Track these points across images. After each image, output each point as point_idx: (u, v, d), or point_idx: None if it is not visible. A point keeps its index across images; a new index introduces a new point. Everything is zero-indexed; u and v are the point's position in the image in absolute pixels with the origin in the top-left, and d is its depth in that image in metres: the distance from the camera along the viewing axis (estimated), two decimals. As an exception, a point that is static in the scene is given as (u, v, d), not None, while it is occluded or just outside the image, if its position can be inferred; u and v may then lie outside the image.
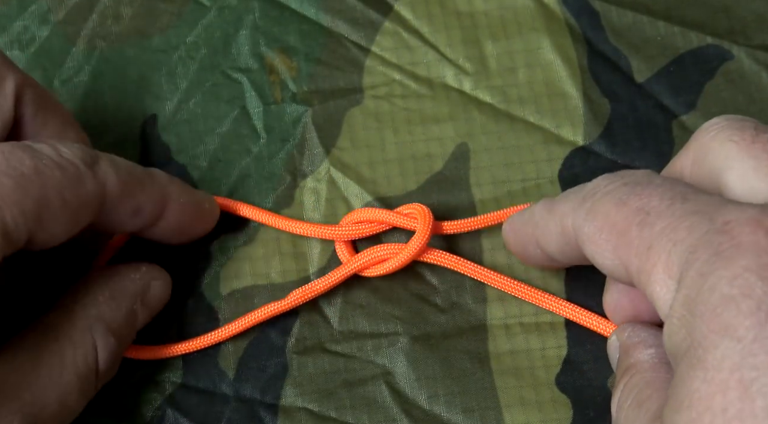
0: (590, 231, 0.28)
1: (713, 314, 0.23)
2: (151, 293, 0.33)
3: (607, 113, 0.38)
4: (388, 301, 0.36)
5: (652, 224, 0.26)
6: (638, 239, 0.26)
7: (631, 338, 0.31)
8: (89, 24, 0.38)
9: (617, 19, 0.39)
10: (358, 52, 0.38)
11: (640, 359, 0.30)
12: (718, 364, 0.23)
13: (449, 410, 0.34)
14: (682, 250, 0.25)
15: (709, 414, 0.23)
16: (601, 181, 0.29)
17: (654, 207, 0.26)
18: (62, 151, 0.30)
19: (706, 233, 0.24)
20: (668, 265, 0.25)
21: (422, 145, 0.37)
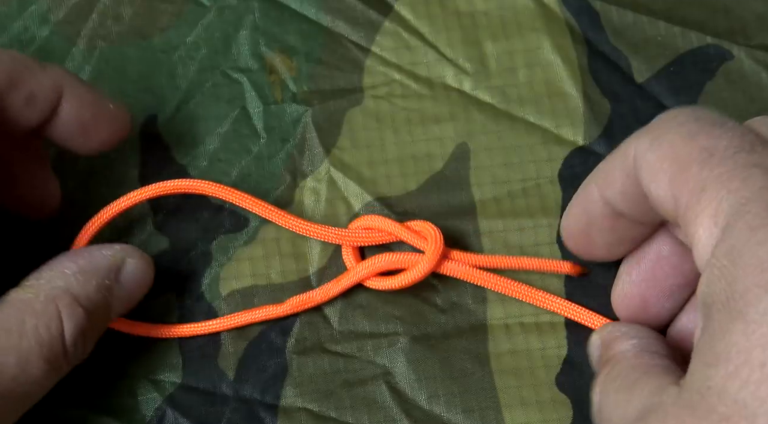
0: (652, 158, 0.27)
1: (760, 268, 0.23)
2: (126, 271, 0.32)
3: (607, 113, 0.38)
4: (388, 301, 0.36)
5: (713, 166, 0.25)
6: (696, 177, 0.25)
7: (612, 332, 0.31)
8: (89, 24, 0.38)
9: (617, 19, 0.39)
10: (358, 52, 0.38)
11: (621, 349, 0.30)
12: (760, 318, 0.22)
13: (449, 410, 0.34)
14: (734, 200, 0.24)
15: (747, 368, 0.22)
16: (674, 112, 0.28)
17: (720, 150, 0.25)
18: None
19: (762, 188, 0.24)
20: (717, 211, 0.25)
21: (422, 145, 0.37)
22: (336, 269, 0.36)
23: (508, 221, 0.36)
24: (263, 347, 0.35)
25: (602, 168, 0.30)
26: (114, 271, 0.32)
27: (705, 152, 0.26)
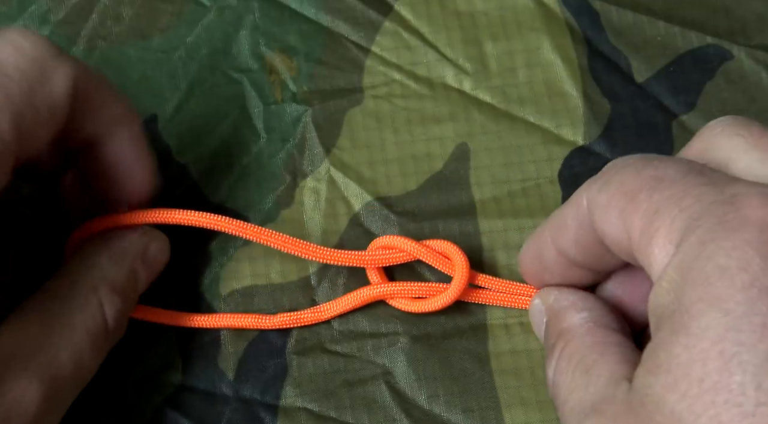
0: (602, 199, 0.27)
1: (705, 282, 0.23)
2: (150, 253, 0.34)
3: (607, 113, 0.38)
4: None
5: (663, 189, 0.25)
6: (647, 202, 0.25)
7: (560, 301, 0.31)
8: (89, 24, 0.38)
9: (617, 19, 0.39)
10: (358, 52, 0.38)
11: (573, 323, 0.30)
12: (701, 333, 0.23)
13: (449, 410, 0.34)
14: (686, 216, 0.24)
15: (686, 382, 0.22)
16: (622, 158, 0.28)
17: (669, 175, 0.26)
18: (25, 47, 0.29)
19: (713, 202, 0.24)
20: (671, 230, 0.25)
21: (422, 145, 0.37)
22: (336, 269, 0.36)
23: (508, 220, 0.36)
24: (263, 347, 0.35)
25: (555, 217, 0.30)
26: (141, 254, 0.33)
27: (653, 180, 0.26)
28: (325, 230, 0.36)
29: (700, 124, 0.37)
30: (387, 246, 0.35)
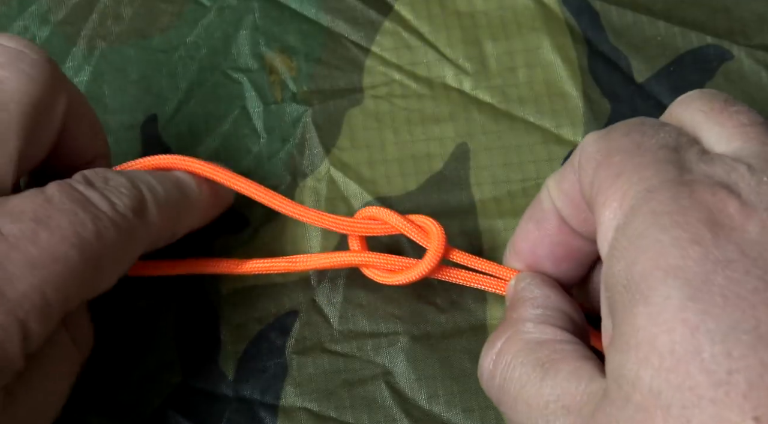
0: (591, 150, 0.27)
1: (660, 251, 0.23)
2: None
3: (607, 113, 0.38)
4: (388, 301, 0.36)
5: (634, 156, 0.26)
6: (617, 165, 0.26)
7: (523, 291, 0.31)
8: (89, 24, 0.38)
9: (617, 19, 0.39)
10: (358, 51, 0.38)
11: (526, 316, 0.30)
12: (663, 301, 0.22)
13: (449, 409, 0.34)
14: (643, 186, 0.25)
15: (656, 355, 0.22)
16: (627, 119, 0.28)
17: (647, 144, 0.26)
18: (117, 204, 0.30)
19: (670, 181, 0.24)
20: (625, 196, 0.25)
21: (422, 145, 0.37)
22: (336, 270, 0.36)
23: (508, 220, 0.36)
24: (263, 347, 0.35)
25: (560, 169, 0.30)
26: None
27: (634, 144, 0.26)
28: (325, 230, 0.36)
29: (700, 124, 0.37)
30: (371, 217, 0.34)
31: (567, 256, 0.31)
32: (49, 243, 0.27)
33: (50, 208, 0.28)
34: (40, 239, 0.27)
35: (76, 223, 0.28)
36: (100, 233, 0.29)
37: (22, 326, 0.27)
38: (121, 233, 0.29)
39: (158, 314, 0.35)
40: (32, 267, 0.27)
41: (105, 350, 0.34)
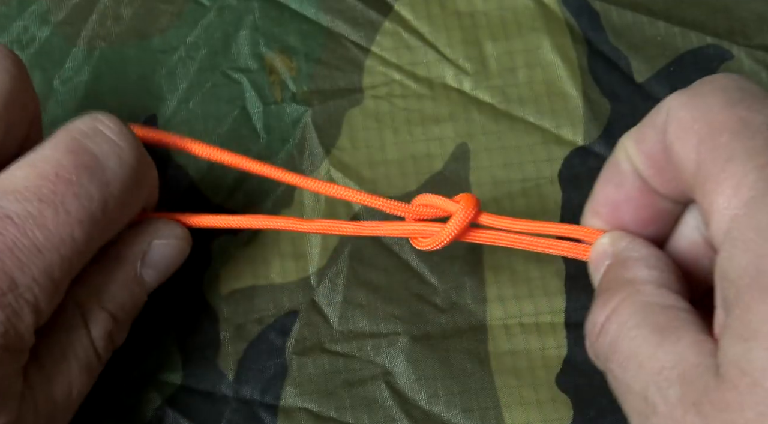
0: (685, 116, 0.26)
1: None
2: (155, 254, 0.32)
3: (607, 113, 0.38)
4: (388, 301, 0.36)
5: (745, 138, 0.25)
6: (726, 146, 0.25)
7: (630, 251, 0.30)
8: (89, 24, 0.38)
9: (617, 19, 0.39)
10: (358, 52, 0.38)
11: (641, 277, 0.28)
12: None
13: (449, 410, 0.34)
14: (762, 174, 0.24)
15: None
16: (718, 76, 0.27)
17: (756, 123, 0.25)
18: (123, 154, 0.29)
19: None
20: (741, 183, 0.24)
21: (422, 146, 0.37)
22: (336, 269, 0.36)
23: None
24: (263, 347, 0.35)
25: (638, 126, 0.29)
26: (139, 259, 0.31)
27: (741, 122, 0.25)
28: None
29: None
30: (424, 204, 0.33)
31: (653, 218, 0.30)
32: (55, 224, 0.27)
33: (57, 183, 0.28)
34: (45, 221, 0.27)
35: (83, 196, 0.28)
36: (106, 200, 0.28)
37: (33, 307, 0.27)
38: (125, 183, 0.29)
39: (158, 314, 0.35)
40: (39, 252, 0.27)
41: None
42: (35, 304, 0.27)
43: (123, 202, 0.29)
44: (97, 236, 0.29)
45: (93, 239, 0.29)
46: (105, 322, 0.31)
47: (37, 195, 0.27)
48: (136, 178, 0.30)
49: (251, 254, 0.36)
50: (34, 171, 0.28)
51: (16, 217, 0.27)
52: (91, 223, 0.28)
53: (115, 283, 0.31)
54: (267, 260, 0.36)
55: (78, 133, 0.29)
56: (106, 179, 0.29)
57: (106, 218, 0.29)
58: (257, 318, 0.35)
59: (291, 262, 0.36)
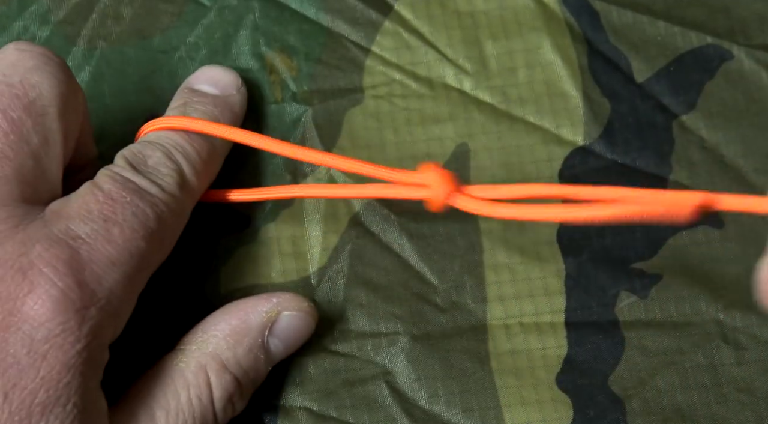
0: None
1: None
2: (280, 325, 0.33)
3: (607, 113, 0.38)
4: (388, 300, 0.36)
5: None
6: None
7: None
8: (89, 24, 0.38)
9: (617, 19, 0.39)
10: (359, 51, 0.38)
11: None
12: None
13: (449, 409, 0.34)
14: None
15: None
16: None
17: None
18: (164, 185, 0.31)
19: None
20: None
21: (422, 145, 0.37)
22: (336, 269, 0.36)
23: (508, 220, 0.36)
24: (263, 346, 0.35)
25: None
26: (267, 328, 0.32)
27: None
28: (325, 230, 0.36)
29: (700, 125, 0.37)
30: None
31: None
32: (123, 239, 0.29)
33: (114, 204, 0.29)
34: (113, 237, 0.29)
35: (139, 214, 0.30)
36: (160, 218, 0.30)
37: (112, 320, 0.29)
38: (173, 211, 0.31)
39: (159, 315, 0.35)
40: (113, 265, 0.29)
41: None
42: (114, 316, 0.29)
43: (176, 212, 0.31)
44: (159, 249, 0.31)
45: (155, 252, 0.30)
46: (228, 385, 0.31)
47: (101, 216, 0.29)
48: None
49: (252, 254, 0.36)
50: (89, 196, 0.30)
51: (86, 236, 0.28)
52: (151, 237, 0.30)
53: (241, 347, 0.32)
54: (267, 260, 0.36)
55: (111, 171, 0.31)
56: (152, 199, 0.30)
57: (161, 234, 0.31)
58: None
59: (291, 261, 0.36)
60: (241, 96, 0.36)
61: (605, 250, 0.36)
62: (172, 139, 0.33)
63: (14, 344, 0.27)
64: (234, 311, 0.32)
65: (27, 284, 0.27)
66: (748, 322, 0.35)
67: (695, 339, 0.35)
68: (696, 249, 0.36)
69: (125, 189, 0.30)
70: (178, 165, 0.32)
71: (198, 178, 0.33)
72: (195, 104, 0.35)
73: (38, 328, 0.27)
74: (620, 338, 0.35)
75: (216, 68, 0.36)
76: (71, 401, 0.27)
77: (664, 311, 0.36)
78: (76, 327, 0.27)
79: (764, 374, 0.35)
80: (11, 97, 0.30)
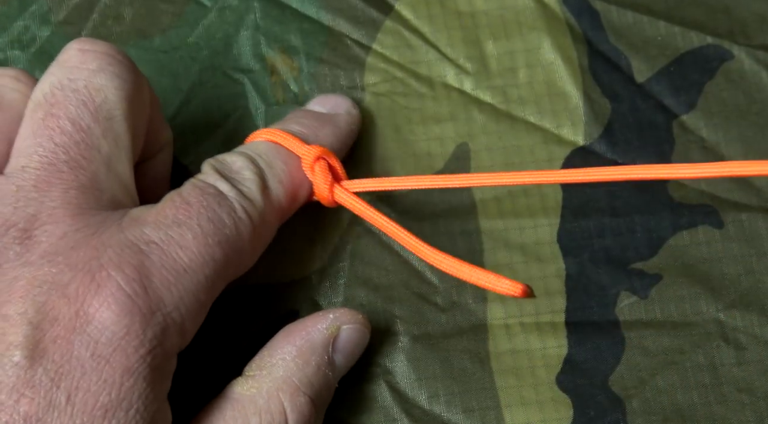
0: None
1: None
2: (342, 339, 0.32)
3: (608, 113, 0.38)
4: (389, 300, 0.36)
5: None
6: None
7: None
8: (90, 24, 0.38)
9: (617, 19, 0.39)
10: (360, 49, 0.38)
11: None
12: None
13: (449, 409, 0.34)
14: None
15: None
16: None
17: None
18: (245, 190, 0.31)
19: None
20: None
21: (423, 145, 0.37)
22: (336, 268, 0.36)
23: (508, 220, 0.36)
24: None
25: None
26: (330, 344, 0.32)
27: None
28: (326, 229, 0.36)
29: (701, 124, 0.37)
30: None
31: None
32: (196, 245, 0.29)
33: (190, 209, 0.29)
34: (187, 243, 0.28)
35: (216, 220, 0.29)
36: (237, 226, 0.30)
37: (179, 327, 0.28)
38: (254, 220, 0.30)
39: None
40: (184, 272, 0.28)
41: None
42: (181, 324, 0.28)
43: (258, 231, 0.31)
44: (236, 260, 0.30)
45: (231, 262, 0.30)
46: (304, 407, 0.31)
47: (175, 221, 0.29)
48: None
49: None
50: (168, 202, 0.29)
51: (159, 241, 0.28)
52: (228, 245, 0.29)
53: (310, 367, 0.32)
54: (268, 259, 0.36)
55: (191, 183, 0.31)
56: (230, 204, 0.30)
57: (239, 243, 0.30)
58: (258, 318, 0.35)
59: (292, 261, 0.36)
60: (349, 116, 0.36)
61: (605, 250, 0.36)
62: (258, 148, 0.33)
63: (79, 345, 0.27)
64: (295, 331, 0.32)
65: (94, 286, 0.27)
66: (748, 322, 0.35)
67: (695, 339, 0.35)
68: (696, 249, 0.36)
69: (204, 194, 0.30)
70: (261, 171, 0.32)
71: (284, 189, 0.32)
72: (297, 118, 0.35)
73: (103, 331, 0.27)
74: (620, 338, 0.35)
75: (329, 94, 0.36)
76: (134, 406, 0.27)
77: (664, 311, 0.36)
78: (141, 332, 0.27)
79: (764, 374, 0.35)
80: (78, 103, 0.29)
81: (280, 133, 0.33)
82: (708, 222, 0.37)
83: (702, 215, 0.36)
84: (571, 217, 0.36)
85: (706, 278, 0.36)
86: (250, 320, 0.35)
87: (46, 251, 0.28)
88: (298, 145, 0.33)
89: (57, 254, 0.28)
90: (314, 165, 0.33)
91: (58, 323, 0.27)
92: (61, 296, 0.27)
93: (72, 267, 0.27)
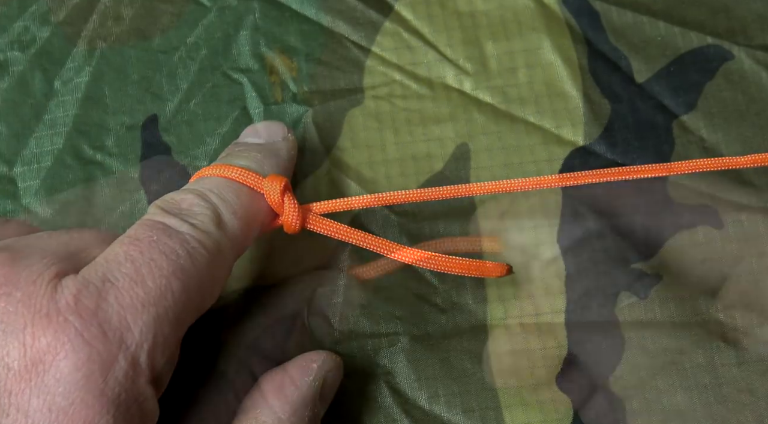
0: None
1: None
2: (327, 386, 0.33)
3: (608, 113, 0.38)
4: (389, 301, 0.36)
5: None
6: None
7: None
8: (90, 25, 0.38)
9: (617, 20, 0.39)
10: (359, 52, 0.38)
11: None
12: None
13: (449, 410, 0.34)
14: None
15: None
16: None
17: None
18: (197, 223, 0.30)
19: None
20: None
21: (422, 146, 0.37)
22: (336, 270, 0.36)
23: (508, 221, 0.36)
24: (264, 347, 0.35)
25: None
26: (319, 394, 0.32)
27: None
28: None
29: (701, 125, 0.37)
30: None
31: None
32: (151, 279, 0.28)
33: (140, 244, 0.29)
34: (141, 277, 0.28)
35: (168, 252, 0.29)
36: (192, 256, 0.29)
37: (147, 366, 0.27)
38: (209, 250, 0.30)
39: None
40: (143, 307, 0.27)
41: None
42: (149, 362, 0.27)
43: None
44: (196, 290, 0.29)
45: (192, 293, 0.29)
46: None
47: (127, 258, 0.28)
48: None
49: (252, 255, 0.36)
50: (117, 243, 0.29)
51: (114, 280, 0.28)
52: (184, 275, 0.29)
53: (303, 422, 0.31)
54: (267, 260, 0.36)
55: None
56: (182, 236, 0.30)
57: (197, 273, 0.29)
58: (258, 318, 0.35)
59: (291, 262, 0.36)
60: (287, 142, 0.35)
61: (605, 250, 0.36)
62: (208, 183, 0.32)
63: (36, 398, 0.26)
64: (287, 385, 0.32)
65: (51, 332, 0.26)
66: (748, 322, 0.35)
67: (695, 339, 0.35)
68: (696, 249, 0.36)
69: (152, 229, 0.29)
70: (212, 206, 0.31)
71: (238, 221, 0.32)
72: (240, 152, 0.34)
73: (60, 381, 0.26)
74: (620, 338, 0.35)
75: (260, 122, 0.36)
76: None
77: (664, 311, 0.36)
78: (101, 380, 0.26)
79: (764, 374, 0.35)
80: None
81: (234, 168, 0.33)
82: (707, 222, 0.37)
83: (701, 215, 0.36)
84: (571, 217, 0.36)
85: (706, 278, 0.36)
86: (250, 321, 0.35)
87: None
88: (257, 179, 0.33)
89: (14, 291, 0.27)
90: (283, 198, 0.33)
91: (12, 373, 0.26)
92: (14, 340, 0.26)
93: (36, 312, 0.26)
